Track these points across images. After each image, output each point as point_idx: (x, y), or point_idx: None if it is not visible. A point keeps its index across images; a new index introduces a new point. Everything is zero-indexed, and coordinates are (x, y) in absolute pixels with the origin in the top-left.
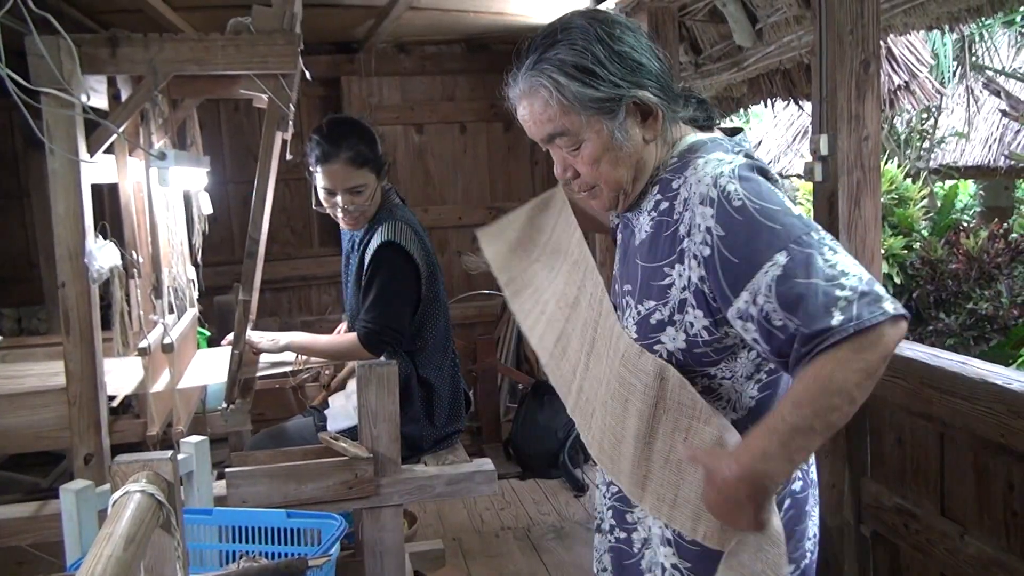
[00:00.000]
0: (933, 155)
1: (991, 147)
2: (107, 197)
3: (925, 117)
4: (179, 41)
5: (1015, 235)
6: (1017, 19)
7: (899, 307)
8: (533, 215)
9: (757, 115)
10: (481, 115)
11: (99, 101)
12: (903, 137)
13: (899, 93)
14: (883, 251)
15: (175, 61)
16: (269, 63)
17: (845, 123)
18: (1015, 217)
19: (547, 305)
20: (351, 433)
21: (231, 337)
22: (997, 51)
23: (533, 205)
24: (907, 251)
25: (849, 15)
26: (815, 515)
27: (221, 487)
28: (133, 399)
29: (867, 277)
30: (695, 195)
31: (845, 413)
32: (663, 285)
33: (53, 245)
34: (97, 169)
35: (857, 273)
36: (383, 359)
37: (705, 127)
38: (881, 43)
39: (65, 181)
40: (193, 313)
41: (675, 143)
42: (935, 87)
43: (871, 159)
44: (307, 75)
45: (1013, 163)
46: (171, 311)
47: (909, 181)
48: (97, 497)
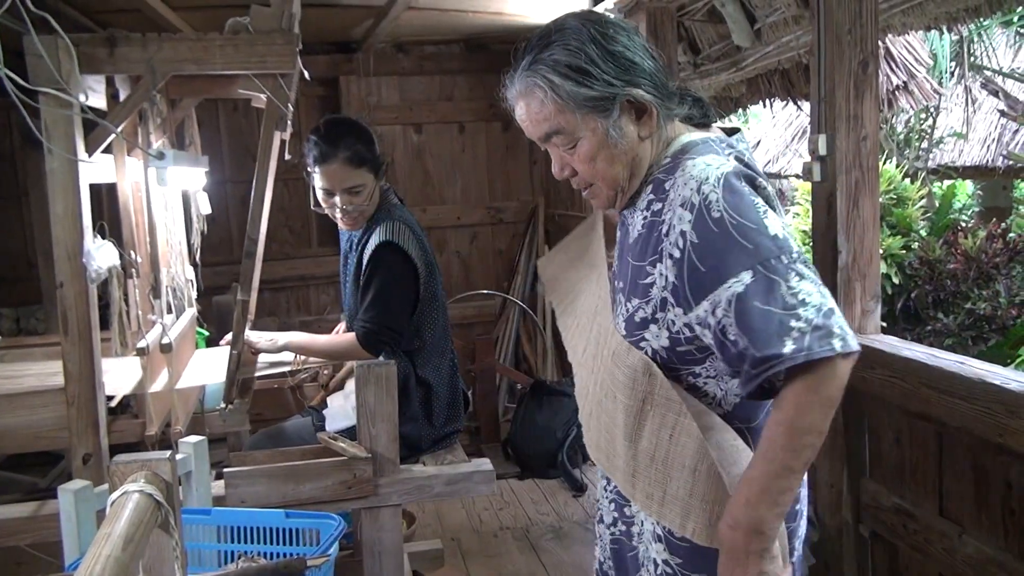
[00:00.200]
0: (931, 155)
1: (989, 147)
2: (105, 197)
3: (923, 117)
4: (177, 41)
5: (1013, 235)
6: (1015, 19)
7: (848, 344)
8: (580, 236)
9: (756, 115)
10: (480, 115)
11: (97, 101)
12: (901, 137)
13: (897, 93)
14: (881, 251)
15: (173, 61)
16: (268, 63)
17: (843, 123)
18: (1013, 217)
19: (580, 317)
20: (350, 433)
21: (229, 337)
22: (995, 51)
23: (582, 226)
24: (905, 251)
25: (847, 15)
26: (804, 514)
27: (219, 487)
28: (131, 399)
29: (826, 309)
30: (678, 197)
31: (816, 446)
32: (646, 284)
33: (51, 245)
34: (95, 169)
35: (816, 304)
36: (381, 359)
37: (702, 125)
38: (879, 43)
39: (63, 181)
40: (191, 313)
41: (670, 142)
42: (933, 87)
43: (869, 159)
44: (306, 75)
45: (1011, 163)
46: (169, 311)
47: (907, 181)
48: (95, 497)
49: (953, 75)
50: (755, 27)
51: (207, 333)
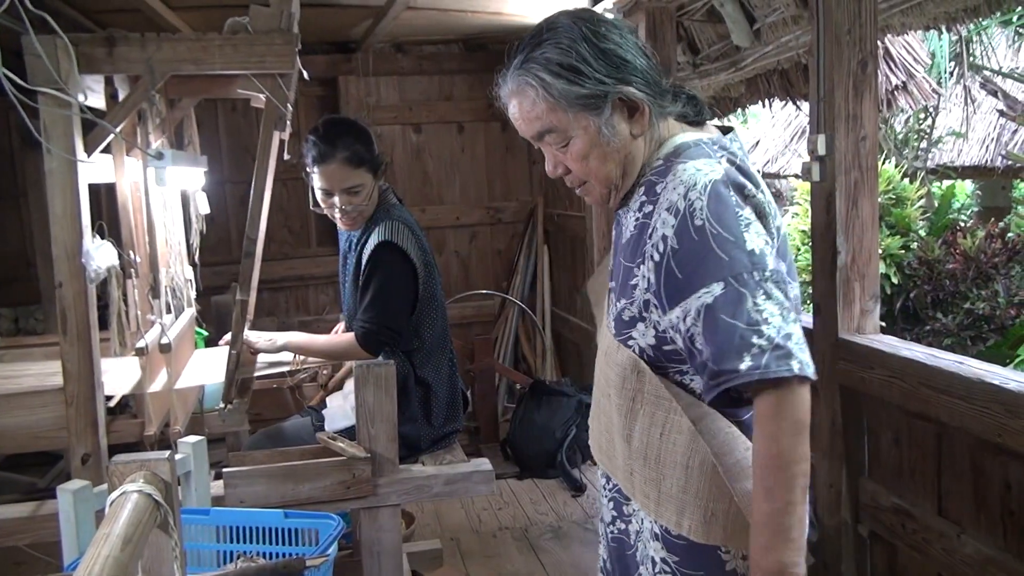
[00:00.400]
0: (930, 155)
1: (988, 147)
2: (104, 197)
3: (922, 117)
4: (176, 41)
5: (1012, 235)
6: (1014, 19)
7: (806, 368)
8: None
9: (755, 115)
10: (479, 115)
11: (96, 101)
12: (900, 137)
13: (896, 93)
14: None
15: (172, 61)
16: (267, 63)
17: (843, 123)
18: (1011, 216)
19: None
20: (349, 433)
21: (229, 337)
22: (995, 51)
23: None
24: (904, 251)
25: (847, 15)
26: (807, 515)
27: (219, 487)
28: (130, 399)
29: (788, 331)
30: (665, 200)
31: (806, 471)
32: (632, 285)
33: (50, 245)
34: (94, 169)
35: (779, 325)
36: (381, 359)
37: (696, 123)
38: (878, 43)
39: (62, 181)
40: (190, 313)
41: (663, 142)
42: (932, 87)
43: (868, 159)
44: (305, 75)
45: (1010, 163)
46: (168, 311)
47: (906, 181)
48: (94, 497)
49: (952, 75)
50: (754, 27)
51: (206, 333)
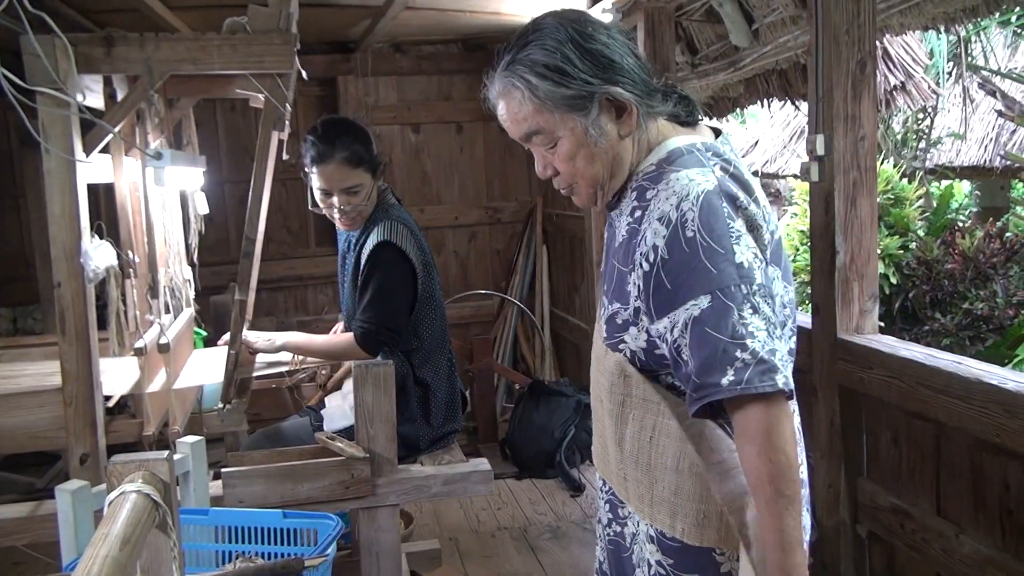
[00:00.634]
0: (929, 155)
1: (987, 147)
2: (103, 197)
3: (921, 117)
4: (175, 41)
5: (1010, 234)
6: (1013, 19)
7: (789, 383)
8: None
9: (754, 115)
10: (478, 115)
11: (95, 101)
12: (899, 137)
13: (895, 93)
14: (879, 251)
15: (171, 61)
16: (265, 63)
17: (841, 123)
18: (1008, 216)
19: None
20: (347, 433)
21: (227, 337)
22: (993, 51)
23: None
24: (903, 251)
25: (845, 15)
26: (807, 517)
27: (217, 487)
28: (129, 399)
29: (772, 347)
30: (657, 210)
31: (797, 476)
32: (627, 290)
33: (49, 245)
34: (93, 169)
35: (764, 340)
36: (379, 359)
37: (688, 123)
38: (877, 43)
39: (61, 181)
40: (189, 313)
41: (655, 145)
42: (931, 87)
43: (867, 159)
44: (303, 75)
45: (1009, 163)
46: (167, 311)
47: (905, 181)
48: (93, 497)
49: (951, 75)
50: (753, 27)
51: (205, 333)
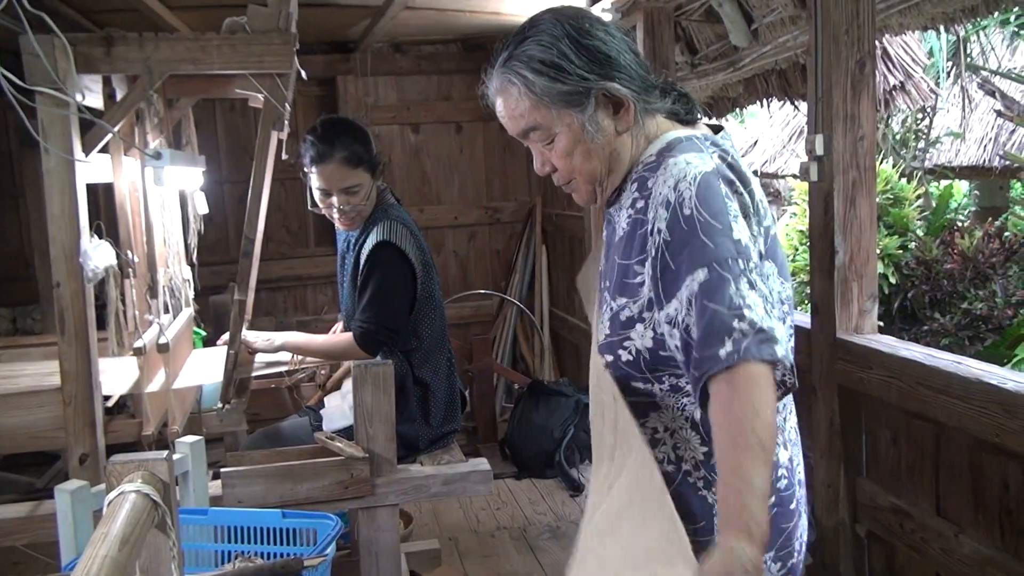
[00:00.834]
0: (928, 155)
1: (986, 147)
2: (102, 197)
3: (920, 117)
4: (174, 40)
5: (1008, 234)
6: (1012, 19)
7: (789, 357)
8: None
9: (753, 115)
10: (477, 115)
11: (94, 100)
12: (898, 137)
13: (894, 93)
14: (878, 251)
15: (170, 60)
16: (265, 63)
17: (841, 123)
18: (1007, 215)
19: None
20: (347, 433)
21: (227, 337)
22: (993, 50)
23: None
24: (902, 251)
25: (844, 15)
26: (804, 515)
27: (216, 487)
28: (128, 399)
29: (770, 324)
30: (659, 195)
31: (769, 427)
32: (635, 283)
33: (48, 244)
34: (92, 169)
35: (761, 316)
36: (379, 359)
37: (687, 121)
38: (876, 43)
39: (60, 181)
40: (189, 313)
41: (654, 138)
42: (930, 87)
43: (866, 159)
44: (303, 75)
45: (1008, 163)
46: (166, 311)
47: (904, 181)
48: (92, 497)
49: (950, 75)
50: (752, 27)
51: (204, 333)
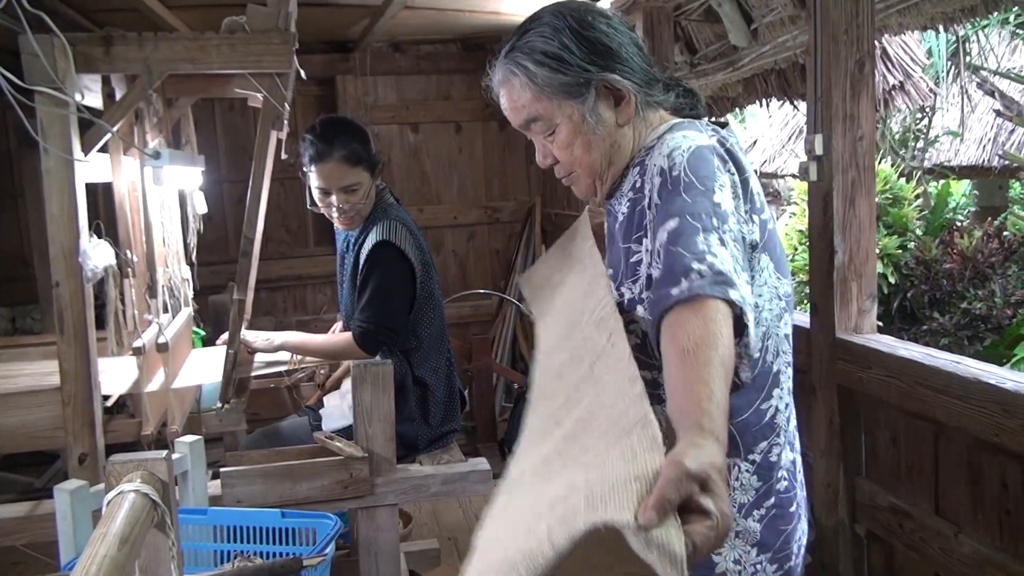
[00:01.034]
0: (927, 155)
1: (985, 147)
2: (101, 196)
3: (919, 117)
4: (174, 40)
5: (1008, 234)
6: (1011, 19)
7: (744, 303)
8: (563, 244)
9: (752, 115)
10: (476, 114)
11: (93, 100)
12: (897, 137)
13: (894, 93)
14: (877, 250)
15: (170, 60)
16: (264, 62)
17: (840, 123)
18: (1005, 214)
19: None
20: (346, 433)
21: (226, 336)
22: (992, 50)
23: (564, 236)
24: (901, 251)
25: (844, 15)
26: (804, 518)
27: (216, 487)
28: (128, 399)
29: (730, 272)
30: (654, 167)
31: (729, 360)
32: (634, 263)
33: (47, 244)
34: (91, 168)
35: (727, 266)
36: (378, 358)
37: (692, 117)
38: (876, 43)
39: (59, 180)
40: (188, 312)
41: (656, 128)
42: (929, 87)
43: (866, 159)
44: (302, 74)
45: (1007, 163)
46: (166, 310)
47: (903, 181)
48: (91, 497)
49: (949, 75)
50: (751, 27)
51: (203, 333)
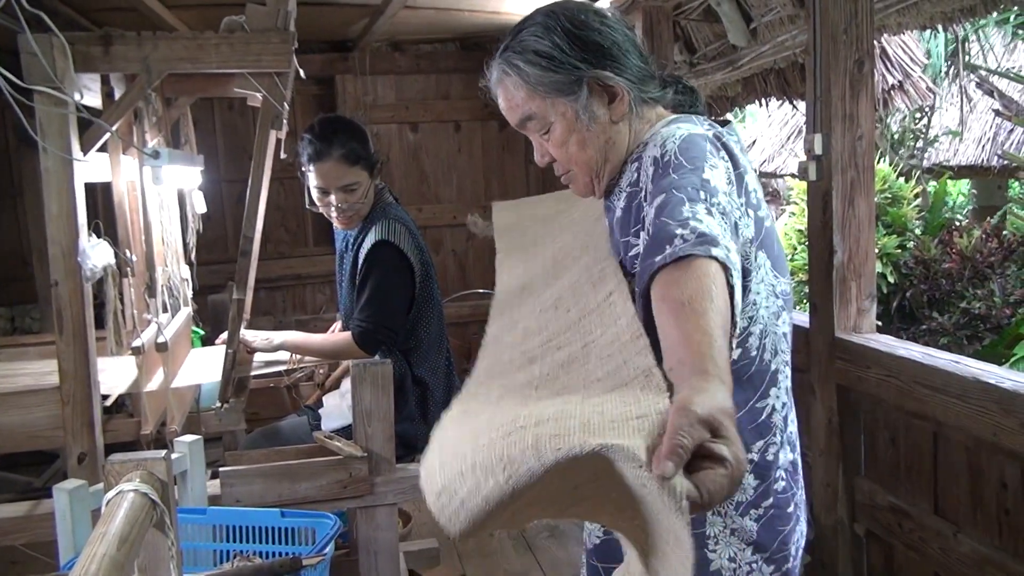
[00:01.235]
0: (926, 154)
1: (984, 146)
2: (101, 196)
3: (919, 116)
4: (173, 39)
5: (1007, 233)
6: (1011, 19)
7: (731, 262)
8: (558, 202)
9: (752, 114)
10: (476, 114)
11: (92, 100)
12: (896, 136)
13: (893, 93)
14: (877, 250)
15: (169, 59)
16: (263, 62)
17: (839, 122)
18: (1002, 211)
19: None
20: (345, 432)
21: (225, 336)
22: (992, 50)
23: (558, 195)
24: (901, 250)
25: (843, 15)
26: (802, 519)
27: (215, 486)
28: (127, 398)
29: (714, 234)
30: (649, 158)
31: (724, 310)
32: (632, 256)
33: (46, 244)
34: (90, 168)
35: (714, 231)
36: (377, 358)
37: (692, 114)
38: (875, 43)
39: (58, 180)
40: (187, 312)
41: (652, 124)
42: (928, 87)
43: (865, 158)
44: (301, 74)
45: (1006, 162)
46: (165, 310)
47: (902, 180)
48: (91, 496)
49: (948, 74)
50: (751, 26)
51: (203, 332)
